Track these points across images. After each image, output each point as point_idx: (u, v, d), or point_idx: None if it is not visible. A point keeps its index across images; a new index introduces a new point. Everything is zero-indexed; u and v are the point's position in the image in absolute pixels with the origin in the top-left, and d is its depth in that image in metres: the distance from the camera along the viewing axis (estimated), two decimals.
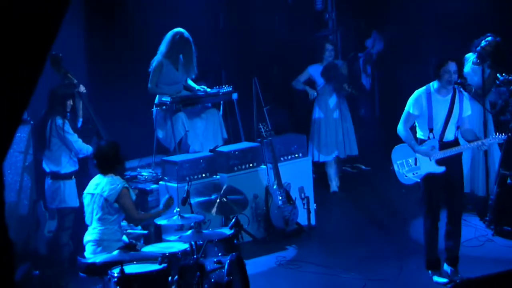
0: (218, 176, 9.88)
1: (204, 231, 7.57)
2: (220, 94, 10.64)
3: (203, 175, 9.76)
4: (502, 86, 11.20)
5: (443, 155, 8.34)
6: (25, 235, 9.30)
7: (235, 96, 10.64)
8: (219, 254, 7.48)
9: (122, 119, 10.79)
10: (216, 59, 12.57)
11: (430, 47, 12.43)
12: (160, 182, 9.78)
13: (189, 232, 7.30)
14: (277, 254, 9.63)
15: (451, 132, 8.36)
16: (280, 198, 10.09)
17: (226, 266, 7.19)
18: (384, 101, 14.64)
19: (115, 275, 6.77)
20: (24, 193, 9.50)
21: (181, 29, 10.39)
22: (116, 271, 6.77)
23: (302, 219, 10.32)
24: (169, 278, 7.07)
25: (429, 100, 8.29)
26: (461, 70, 8.40)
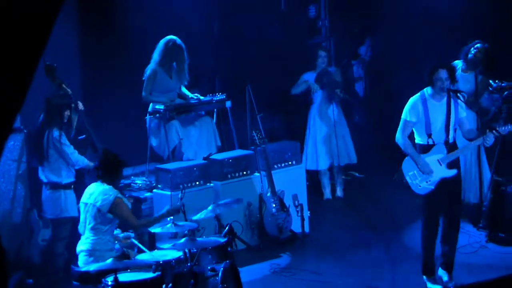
0: (212, 184, 9.88)
1: (198, 239, 7.57)
2: (214, 102, 10.65)
3: (197, 183, 9.75)
4: (495, 93, 11.23)
5: (453, 157, 8.31)
6: (19, 244, 9.29)
7: (229, 104, 10.65)
8: (213, 262, 7.46)
9: (116, 127, 10.79)
10: (210, 66, 12.59)
11: (424, 53, 12.46)
12: (154, 190, 9.77)
13: (183, 240, 7.30)
14: (271, 262, 9.62)
15: (451, 136, 8.34)
16: (274, 206, 10.08)
17: (220, 274, 7.19)
18: (378, 108, 14.65)
19: (109, 284, 6.76)
20: (18, 202, 9.49)
21: (174, 37, 10.40)
22: (110, 280, 6.76)
23: (296, 227, 10.32)
24: (163, 286, 7.07)
25: (425, 106, 8.28)
26: (454, 76, 8.36)
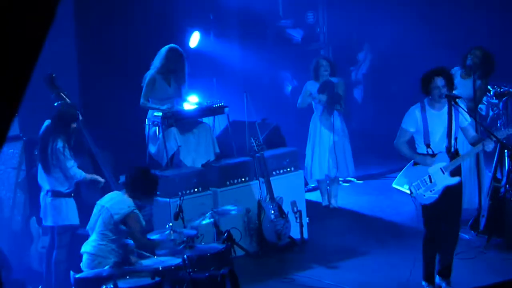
0: (210, 191, 9.89)
1: (197, 245, 7.59)
2: (212, 109, 10.66)
3: (196, 190, 9.76)
4: (494, 99, 11.28)
5: (455, 165, 8.31)
6: (18, 251, 9.31)
7: (227, 111, 10.66)
8: (212, 269, 7.48)
9: (114, 134, 10.80)
10: (208, 71, 12.63)
11: (422, 59, 12.46)
12: None
13: (182, 247, 7.32)
14: (270, 268, 9.64)
15: (452, 144, 8.31)
16: (273, 212, 10.09)
17: (219, 281, 7.21)
18: (376, 114, 14.67)
19: None
20: (17, 209, 9.52)
21: (175, 45, 10.45)
22: (110, 286, 6.78)
23: (295, 233, 10.33)
24: None
25: (424, 116, 8.21)
26: (451, 82, 8.32)
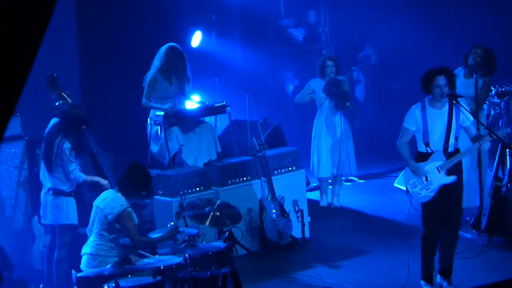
0: (212, 190, 9.90)
1: (199, 244, 7.59)
2: (214, 109, 10.66)
3: (197, 189, 9.77)
4: (496, 98, 11.26)
5: (452, 164, 8.31)
6: (21, 250, 9.32)
7: (229, 110, 10.67)
8: (213, 268, 7.49)
9: (116, 134, 10.81)
10: (210, 71, 12.63)
11: (424, 58, 12.46)
12: (155, 197, 9.78)
13: (183, 246, 7.32)
14: (272, 267, 9.65)
15: (451, 144, 8.33)
16: (274, 211, 10.09)
17: (221, 280, 7.21)
18: (378, 113, 14.68)
19: None
20: (19, 208, 9.52)
21: (174, 44, 10.46)
22: (111, 285, 6.79)
23: (296, 232, 10.33)
24: None
25: (424, 115, 8.24)
26: (452, 81, 8.34)
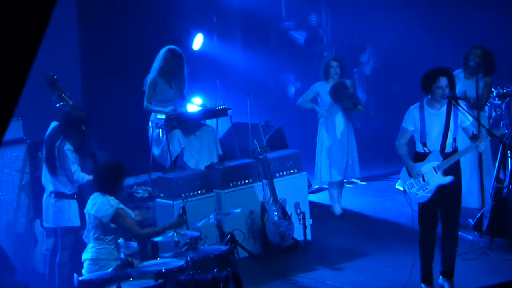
0: (214, 193, 9.92)
1: (200, 247, 7.61)
2: (215, 111, 10.67)
3: (199, 192, 9.79)
4: (497, 100, 11.28)
5: (448, 164, 8.32)
6: (23, 253, 9.33)
7: (230, 113, 10.68)
8: (215, 270, 7.50)
9: (118, 137, 10.83)
10: (211, 73, 12.66)
11: (425, 60, 12.46)
12: (156, 200, 9.80)
13: (185, 249, 7.34)
14: (273, 270, 9.66)
15: (449, 145, 8.37)
16: (276, 214, 10.10)
17: (222, 282, 7.22)
18: (379, 115, 14.68)
19: None
20: (21, 212, 9.54)
21: (173, 46, 10.48)
22: None
23: (298, 235, 10.34)
24: None
25: (422, 115, 8.29)
26: (453, 82, 8.36)
